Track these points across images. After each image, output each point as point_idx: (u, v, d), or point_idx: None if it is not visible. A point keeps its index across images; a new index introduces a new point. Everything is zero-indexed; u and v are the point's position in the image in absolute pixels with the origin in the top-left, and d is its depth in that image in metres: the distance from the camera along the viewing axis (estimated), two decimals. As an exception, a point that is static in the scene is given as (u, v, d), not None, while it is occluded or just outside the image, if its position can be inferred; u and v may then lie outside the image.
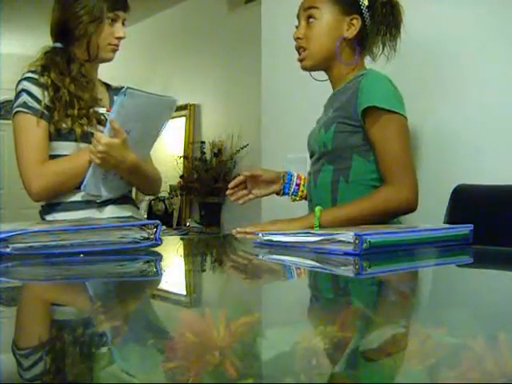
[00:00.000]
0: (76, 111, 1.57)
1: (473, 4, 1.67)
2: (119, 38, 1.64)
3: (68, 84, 1.58)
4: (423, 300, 0.67)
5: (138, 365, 0.40)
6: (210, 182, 3.70)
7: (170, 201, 4.16)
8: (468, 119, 1.67)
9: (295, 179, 1.68)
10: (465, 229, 1.10)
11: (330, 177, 1.51)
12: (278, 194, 1.70)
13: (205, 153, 3.86)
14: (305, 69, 1.59)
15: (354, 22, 1.52)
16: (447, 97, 1.72)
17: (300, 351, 0.43)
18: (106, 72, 1.81)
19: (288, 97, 2.29)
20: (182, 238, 2.19)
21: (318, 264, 0.94)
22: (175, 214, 4.14)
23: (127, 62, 4.96)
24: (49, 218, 1.60)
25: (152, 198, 4.17)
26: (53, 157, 1.58)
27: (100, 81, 1.76)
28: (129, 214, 1.65)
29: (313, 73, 1.63)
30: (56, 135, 1.57)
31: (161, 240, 0.97)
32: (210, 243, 1.52)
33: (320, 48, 1.54)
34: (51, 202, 1.60)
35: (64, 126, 1.55)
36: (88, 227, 0.94)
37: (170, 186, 4.19)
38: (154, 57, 4.62)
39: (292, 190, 1.68)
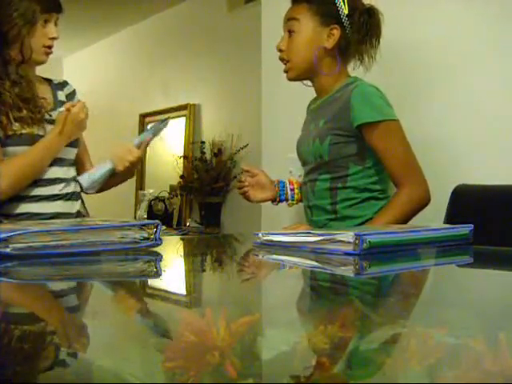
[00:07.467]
0: (23, 114, 1.59)
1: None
2: (53, 39, 1.65)
3: (9, 87, 1.60)
4: (423, 300, 0.67)
5: (138, 365, 0.40)
6: (210, 181, 3.70)
7: (169, 201, 4.15)
8: (468, 119, 1.67)
9: (288, 185, 1.72)
10: (465, 229, 1.11)
11: (328, 184, 1.55)
12: (273, 201, 1.73)
13: (205, 153, 3.86)
14: (290, 79, 1.63)
15: (334, 31, 1.53)
16: (447, 97, 1.72)
17: (300, 351, 0.43)
18: (106, 72, 1.81)
19: (288, 97, 2.29)
20: (182, 238, 2.19)
21: (317, 264, 0.94)
22: (175, 214, 4.13)
23: (128, 62, 4.97)
24: (16, 211, 1.60)
25: (152, 198, 4.17)
26: None
27: (41, 78, 1.76)
28: (77, 208, 1.74)
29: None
30: (7, 140, 1.57)
31: (161, 240, 0.97)
32: (210, 243, 1.52)
33: (301, 60, 1.56)
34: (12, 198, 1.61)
35: (15, 128, 1.57)
36: (88, 227, 0.94)
37: (170, 185, 4.19)
38: (154, 57, 4.61)
39: (289, 195, 1.72)
